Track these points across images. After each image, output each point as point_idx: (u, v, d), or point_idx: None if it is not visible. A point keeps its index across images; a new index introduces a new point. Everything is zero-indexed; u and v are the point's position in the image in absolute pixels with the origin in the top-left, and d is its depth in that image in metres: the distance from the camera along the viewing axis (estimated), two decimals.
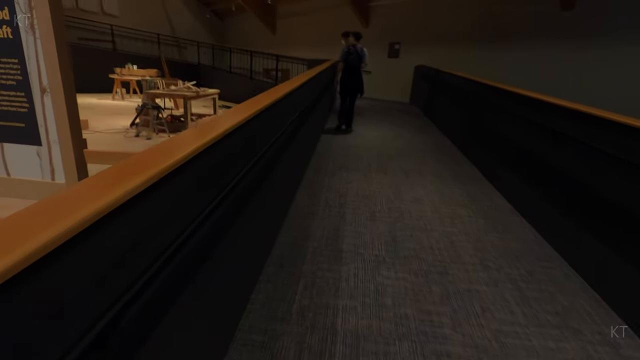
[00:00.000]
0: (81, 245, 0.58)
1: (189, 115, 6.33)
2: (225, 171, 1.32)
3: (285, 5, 13.29)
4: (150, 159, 0.86)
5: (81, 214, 0.57)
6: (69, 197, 0.68)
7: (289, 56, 10.23)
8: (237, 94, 11.87)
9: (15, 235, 0.51)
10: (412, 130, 6.11)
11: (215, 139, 1.12)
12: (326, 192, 3.17)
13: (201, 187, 1.10)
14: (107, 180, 0.75)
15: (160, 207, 0.85)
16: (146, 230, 0.79)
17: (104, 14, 13.87)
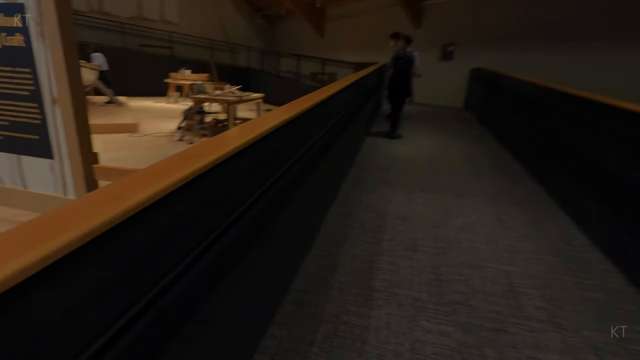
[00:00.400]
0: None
1: (231, 120, 6.32)
2: (239, 191, 1.09)
3: (334, 7, 13.11)
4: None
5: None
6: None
7: (335, 60, 9.99)
8: (284, 97, 11.88)
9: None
10: (466, 140, 5.53)
11: (216, 161, 0.88)
12: (363, 211, 2.84)
13: (210, 206, 0.88)
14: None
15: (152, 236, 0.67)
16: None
17: (164, 21, 14.72)
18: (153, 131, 6.47)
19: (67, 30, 1.50)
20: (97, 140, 5.15)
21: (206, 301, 0.94)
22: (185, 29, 14.66)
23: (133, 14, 13.98)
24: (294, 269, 2.01)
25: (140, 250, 0.67)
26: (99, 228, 0.52)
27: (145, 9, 14.26)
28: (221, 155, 0.90)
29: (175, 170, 0.77)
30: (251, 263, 1.27)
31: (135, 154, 4.85)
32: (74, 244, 0.48)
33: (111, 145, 5.30)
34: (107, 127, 6.08)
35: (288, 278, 1.91)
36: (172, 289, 0.76)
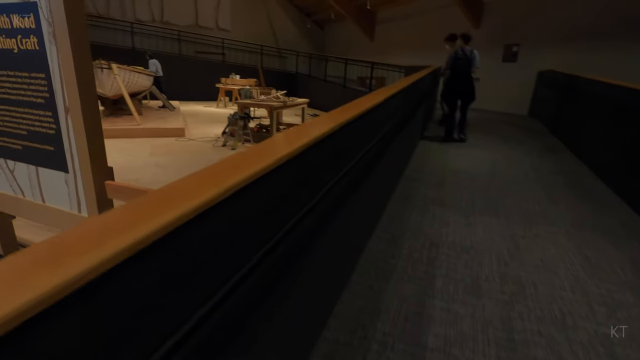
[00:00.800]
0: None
1: (274, 125, 6.18)
2: (274, 214, 0.88)
3: (386, 9, 12.66)
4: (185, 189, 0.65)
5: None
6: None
7: (384, 63, 9.54)
8: (330, 102, 11.67)
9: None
10: (534, 153, 4.84)
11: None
12: (411, 237, 2.43)
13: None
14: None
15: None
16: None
17: (218, 29, 15.25)
18: (199, 136, 6.53)
19: (78, 31, 1.32)
20: (145, 144, 5.25)
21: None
22: (237, 35, 15.07)
23: (190, 22, 14.65)
24: (327, 310, 1.68)
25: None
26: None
27: (201, 18, 14.88)
28: (251, 174, 0.73)
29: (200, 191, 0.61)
30: (279, 304, 0.98)
31: (178, 159, 4.84)
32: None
33: (158, 149, 5.38)
34: (156, 131, 6.23)
35: (319, 322, 1.58)
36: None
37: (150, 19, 13.90)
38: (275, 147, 0.97)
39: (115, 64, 6.26)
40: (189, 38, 13.73)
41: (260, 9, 16.05)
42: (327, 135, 1.19)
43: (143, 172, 4.21)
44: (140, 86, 7.96)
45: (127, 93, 6.42)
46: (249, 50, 14.70)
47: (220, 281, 0.70)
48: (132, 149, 5.28)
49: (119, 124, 6.31)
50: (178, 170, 4.34)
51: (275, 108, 6.18)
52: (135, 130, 6.07)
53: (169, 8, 14.19)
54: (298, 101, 7.18)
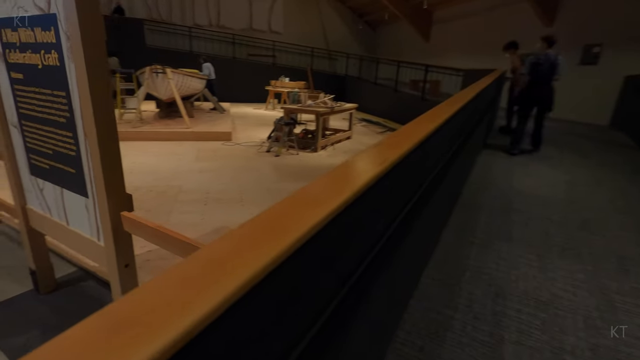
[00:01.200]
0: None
1: (319, 132, 5.96)
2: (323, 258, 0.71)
3: (443, 9, 11.91)
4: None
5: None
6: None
7: (440, 66, 8.92)
8: (380, 106, 11.24)
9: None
10: (622, 174, 4.09)
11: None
12: (471, 280, 2.04)
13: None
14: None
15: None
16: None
17: (271, 31, 15.47)
18: (245, 140, 6.52)
19: (94, 47, 1.16)
20: (193, 148, 5.31)
21: None
22: (289, 37, 15.15)
23: (244, 26, 15.02)
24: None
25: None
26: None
27: (255, 21, 15.19)
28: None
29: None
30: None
31: (222, 165, 4.80)
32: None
33: (203, 153, 5.41)
34: (203, 134, 6.31)
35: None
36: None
37: (208, 23, 14.45)
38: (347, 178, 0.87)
39: (170, 69, 6.45)
40: (242, 41, 14.05)
41: (313, 11, 16.01)
42: (403, 158, 1.03)
43: (187, 178, 4.20)
44: (193, 89, 8.18)
45: (179, 96, 6.59)
46: (299, 53, 14.71)
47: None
48: (180, 153, 5.35)
49: (170, 127, 6.49)
50: (220, 178, 4.27)
51: (322, 114, 5.96)
52: (184, 133, 6.19)
53: (225, 12, 14.66)
54: (346, 106, 6.90)
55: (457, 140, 2.69)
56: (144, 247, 2.56)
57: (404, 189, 1.41)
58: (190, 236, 2.77)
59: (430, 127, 1.56)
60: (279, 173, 4.62)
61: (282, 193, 3.84)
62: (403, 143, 1.26)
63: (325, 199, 0.70)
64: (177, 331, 0.35)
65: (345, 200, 0.73)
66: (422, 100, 9.29)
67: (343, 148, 6.46)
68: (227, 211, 3.28)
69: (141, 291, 0.42)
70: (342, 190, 0.77)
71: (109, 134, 1.28)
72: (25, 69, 1.48)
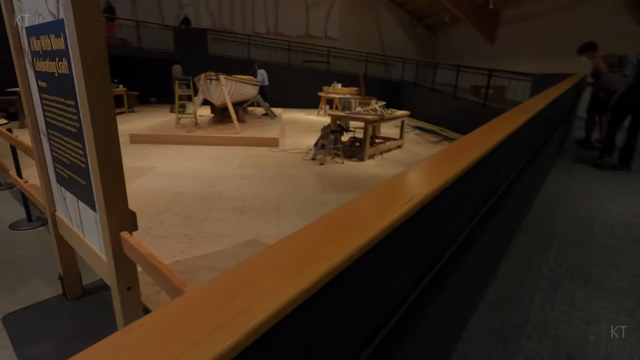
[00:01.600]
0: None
1: (367, 141, 5.68)
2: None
3: (513, 8, 10.93)
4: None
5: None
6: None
7: (505, 70, 8.14)
8: (437, 113, 10.60)
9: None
10: None
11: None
12: (532, 335, 1.65)
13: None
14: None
15: None
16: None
17: (327, 38, 15.50)
18: (292, 146, 6.46)
19: (93, 55, 1.07)
20: (240, 153, 5.35)
21: None
22: (344, 43, 15.05)
23: (301, 33, 15.24)
24: None
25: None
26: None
27: (311, 28, 15.34)
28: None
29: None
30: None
31: (264, 172, 4.74)
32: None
33: (249, 159, 5.42)
34: (251, 140, 6.36)
35: None
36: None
37: (266, 31, 14.90)
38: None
39: (223, 75, 6.62)
40: (297, 47, 14.24)
41: (369, 16, 15.74)
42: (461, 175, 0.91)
43: (228, 184, 4.19)
44: (247, 95, 8.38)
45: (230, 102, 6.74)
46: (353, 58, 14.52)
47: None
48: (226, 158, 5.42)
49: (221, 132, 6.65)
50: (260, 185, 4.20)
51: (371, 122, 5.67)
52: (233, 138, 6.30)
53: (283, 20, 15.00)
54: (397, 114, 6.53)
55: (524, 154, 2.28)
56: (174, 257, 2.52)
57: (458, 212, 1.14)
58: (220, 248, 2.67)
59: (493, 141, 1.26)
60: (321, 183, 4.43)
61: (320, 205, 3.64)
62: (460, 158, 1.02)
63: (366, 223, 0.64)
64: None
65: (387, 226, 0.64)
66: (483, 108, 8.55)
67: (392, 158, 6.10)
68: (261, 222, 3.16)
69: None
70: (384, 214, 0.68)
71: (110, 148, 1.17)
72: (47, 77, 1.45)
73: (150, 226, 2.97)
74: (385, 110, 6.56)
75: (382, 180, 4.55)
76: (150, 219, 3.10)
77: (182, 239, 2.78)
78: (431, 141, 7.99)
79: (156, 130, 6.57)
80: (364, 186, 4.39)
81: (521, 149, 2.12)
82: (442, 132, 8.97)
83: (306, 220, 2.88)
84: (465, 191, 1.18)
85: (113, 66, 4.72)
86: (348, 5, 15.36)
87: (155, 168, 4.69)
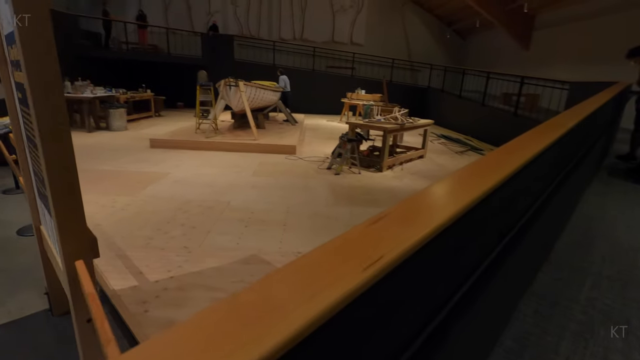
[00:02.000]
0: None
1: (386, 150, 5.44)
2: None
3: (549, 11, 10.33)
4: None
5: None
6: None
7: (539, 78, 7.64)
8: (464, 122, 10.16)
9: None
10: None
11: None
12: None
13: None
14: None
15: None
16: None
17: (352, 43, 15.36)
18: (309, 154, 6.33)
19: (38, 62, 0.93)
20: (255, 160, 5.28)
21: None
22: (370, 49, 14.84)
23: (326, 39, 15.18)
24: None
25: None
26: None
27: (337, 34, 15.25)
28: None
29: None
30: None
31: (277, 181, 4.62)
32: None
33: (264, 167, 5.33)
34: (268, 147, 6.29)
35: None
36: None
37: (292, 37, 14.96)
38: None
39: (242, 81, 6.61)
40: (322, 53, 14.18)
41: (396, 22, 15.46)
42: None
43: (239, 193, 4.10)
44: (267, 101, 8.35)
45: (249, 108, 6.71)
46: (379, 64, 14.28)
47: None
48: (241, 165, 5.36)
49: (239, 138, 6.63)
50: (270, 195, 4.07)
51: (390, 131, 5.44)
52: (250, 145, 6.25)
53: (309, 26, 15.02)
54: (419, 122, 6.25)
55: (557, 173, 2.00)
56: (170, 272, 2.42)
57: (473, 242, 0.95)
58: (218, 264, 2.54)
59: (519, 161, 1.04)
60: (334, 194, 4.25)
61: (329, 220, 3.46)
62: (484, 178, 0.82)
63: (366, 253, 0.56)
64: None
65: (391, 262, 0.55)
66: (514, 116, 8.07)
67: (413, 168, 5.82)
68: (265, 237, 3.02)
69: None
70: (389, 243, 0.59)
71: (62, 168, 1.05)
72: (20, 88, 1.38)
73: (151, 237, 2.90)
74: (407, 118, 6.29)
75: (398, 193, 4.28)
76: (153, 229, 3.04)
77: (181, 252, 2.68)
78: (456, 151, 7.61)
79: (175, 135, 6.64)
80: (378, 199, 4.17)
81: (554, 166, 1.85)
82: (469, 141, 8.55)
83: (312, 236, 2.70)
84: (482, 219, 0.98)
85: (142, 72, 4.84)
86: (375, 11, 15.16)
87: (169, 174, 4.69)
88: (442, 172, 5.70)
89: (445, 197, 0.87)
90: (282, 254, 2.74)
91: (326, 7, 14.97)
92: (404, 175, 5.38)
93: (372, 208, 3.86)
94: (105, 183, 4.20)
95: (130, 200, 3.68)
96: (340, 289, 0.45)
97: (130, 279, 2.29)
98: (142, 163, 5.17)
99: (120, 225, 3.09)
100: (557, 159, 1.85)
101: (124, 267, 2.42)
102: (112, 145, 6.24)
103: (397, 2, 15.18)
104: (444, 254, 0.82)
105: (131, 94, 9.21)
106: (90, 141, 6.55)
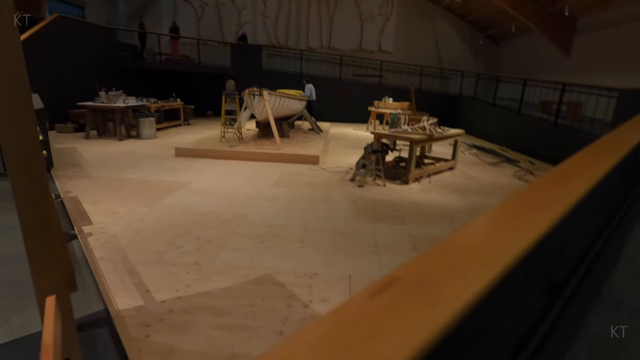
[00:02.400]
0: None
1: (413, 162, 5.17)
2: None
3: (592, 14, 9.66)
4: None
5: None
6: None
7: (583, 84, 7.09)
8: (498, 131, 9.64)
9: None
10: None
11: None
12: None
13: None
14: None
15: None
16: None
17: (380, 51, 15.14)
18: (333, 164, 6.16)
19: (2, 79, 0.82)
20: (277, 170, 5.18)
21: None
22: (398, 56, 14.57)
23: (354, 47, 15.07)
24: None
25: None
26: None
27: (365, 42, 15.09)
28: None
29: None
30: None
31: (296, 193, 4.48)
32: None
33: (285, 177, 5.22)
34: (291, 157, 6.18)
35: None
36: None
37: (319, 45, 14.97)
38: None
39: (266, 90, 6.57)
40: (349, 61, 14.05)
41: (426, 29, 15.10)
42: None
43: (256, 205, 3.99)
44: (292, 110, 8.30)
45: (272, 117, 6.65)
46: (407, 72, 13.95)
47: None
48: (262, 175, 5.27)
49: (262, 147, 6.57)
50: (288, 209, 3.93)
51: (417, 142, 5.17)
52: (272, 154, 6.17)
53: (337, 34, 14.97)
54: (449, 132, 5.93)
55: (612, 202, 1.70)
56: (177, 291, 2.31)
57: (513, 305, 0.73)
58: (229, 284, 2.39)
59: (578, 192, 0.81)
60: (356, 209, 4.04)
61: (349, 237, 3.25)
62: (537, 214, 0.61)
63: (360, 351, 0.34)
64: None
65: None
66: (553, 126, 7.53)
67: (442, 181, 5.50)
68: (280, 254, 2.87)
69: None
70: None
71: (33, 200, 0.94)
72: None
73: (164, 251, 2.82)
74: (436, 128, 5.99)
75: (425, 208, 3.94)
76: (167, 242, 2.97)
77: (191, 269, 2.58)
78: (489, 163, 7.17)
79: (200, 144, 6.69)
80: (404, 215, 3.91)
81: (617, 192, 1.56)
82: (504, 152, 8.05)
83: (330, 255, 2.43)
84: (530, 272, 0.76)
85: (173, 81, 4.83)
86: (404, 18, 14.90)
87: (190, 184, 4.67)
88: (474, 185, 5.33)
89: (484, 249, 0.66)
90: (297, 274, 2.57)
91: (354, 15, 14.88)
92: (431, 188, 5.08)
93: (397, 225, 3.61)
94: (126, 192, 4.23)
95: (148, 210, 3.65)
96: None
97: (137, 297, 2.20)
98: (165, 172, 5.20)
99: (135, 237, 3.04)
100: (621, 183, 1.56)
101: (132, 285, 2.34)
102: (139, 154, 6.37)
103: (428, 9, 14.85)
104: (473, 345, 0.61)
105: (162, 103, 9.47)
106: (120, 149, 6.73)
